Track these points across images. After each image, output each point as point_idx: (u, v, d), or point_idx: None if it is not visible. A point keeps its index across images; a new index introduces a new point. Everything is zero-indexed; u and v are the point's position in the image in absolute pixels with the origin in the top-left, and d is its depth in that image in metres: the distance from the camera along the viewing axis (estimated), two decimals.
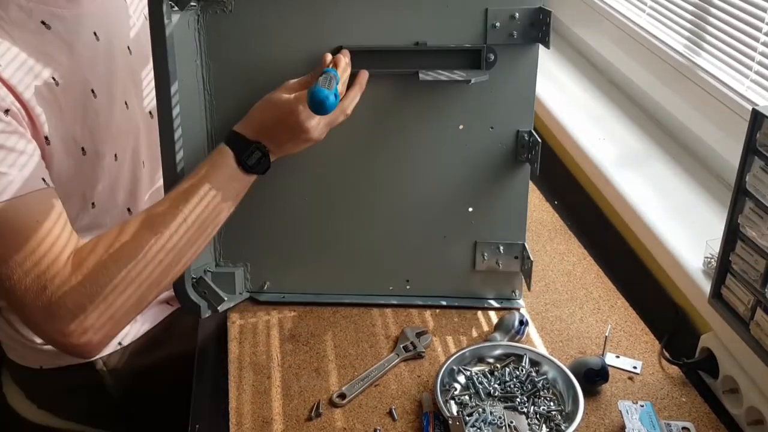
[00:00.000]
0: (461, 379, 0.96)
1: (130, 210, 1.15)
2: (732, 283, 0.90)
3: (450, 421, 0.88)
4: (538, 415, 0.91)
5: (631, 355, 1.02)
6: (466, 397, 0.94)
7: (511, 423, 0.90)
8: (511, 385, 0.95)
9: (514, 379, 0.96)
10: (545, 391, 0.95)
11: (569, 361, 0.98)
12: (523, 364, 0.98)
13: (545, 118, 1.53)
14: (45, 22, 0.97)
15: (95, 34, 1.05)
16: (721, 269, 0.91)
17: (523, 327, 1.04)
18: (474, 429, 0.89)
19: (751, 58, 1.15)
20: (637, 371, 0.99)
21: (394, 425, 0.92)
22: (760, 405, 0.88)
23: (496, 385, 0.95)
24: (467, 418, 0.90)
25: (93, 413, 1.23)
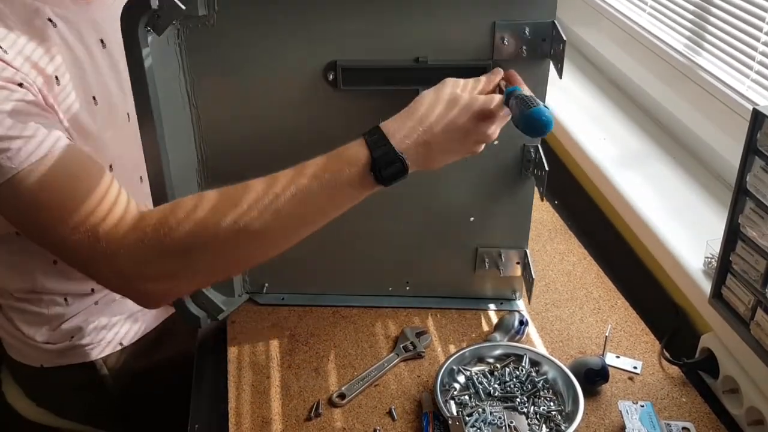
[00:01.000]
0: (461, 379, 0.96)
1: None
2: (732, 283, 0.90)
3: (450, 421, 0.88)
4: (538, 416, 0.91)
5: (632, 355, 1.02)
6: (466, 397, 0.94)
7: (511, 423, 0.90)
8: (511, 385, 0.95)
9: (514, 379, 0.96)
10: (545, 391, 0.95)
11: (569, 361, 0.98)
12: (523, 364, 0.98)
13: None
14: (51, 20, 0.96)
15: (101, 42, 1.03)
16: (722, 269, 0.91)
17: (523, 327, 1.04)
18: (474, 429, 0.89)
19: (752, 58, 1.15)
20: (638, 371, 0.99)
21: (393, 425, 0.92)
22: (760, 405, 0.88)
23: (496, 385, 0.95)
24: (467, 418, 0.90)
25: (92, 413, 1.23)
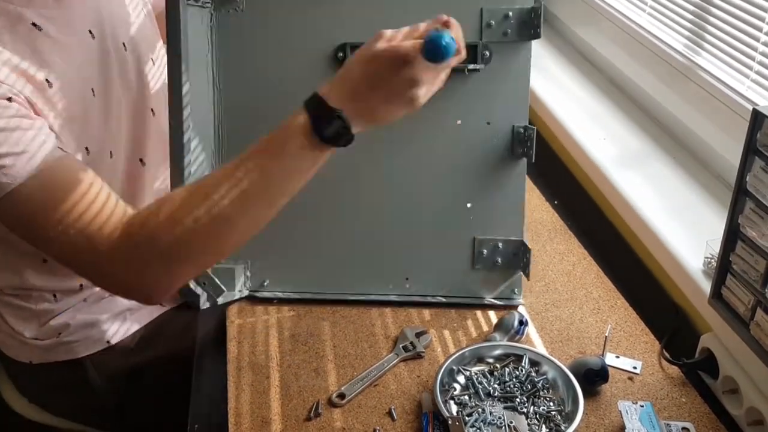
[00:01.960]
0: (461, 379, 0.96)
1: None
2: (732, 283, 0.89)
3: (449, 422, 0.88)
4: (537, 416, 0.91)
5: (631, 356, 1.02)
6: (466, 397, 0.94)
7: (511, 423, 0.90)
8: (511, 385, 0.95)
9: (514, 379, 0.96)
10: (545, 391, 0.94)
11: (569, 361, 0.98)
12: (522, 364, 0.98)
13: (545, 118, 1.53)
14: (36, 24, 0.96)
15: (90, 32, 1.04)
16: (722, 269, 0.91)
17: (523, 327, 1.04)
18: (473, 429, 0.89)
19: (752, 58, 1.15)
20: (637, 371, 0.99)
21: (393, 425, 0.92)
22: (760, 405, 0.88)
23: (496, 385, 0.95)
24: (467, 418, 0.90)
25: (80, 411, 1.23)
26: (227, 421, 0.92)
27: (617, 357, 1.01)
